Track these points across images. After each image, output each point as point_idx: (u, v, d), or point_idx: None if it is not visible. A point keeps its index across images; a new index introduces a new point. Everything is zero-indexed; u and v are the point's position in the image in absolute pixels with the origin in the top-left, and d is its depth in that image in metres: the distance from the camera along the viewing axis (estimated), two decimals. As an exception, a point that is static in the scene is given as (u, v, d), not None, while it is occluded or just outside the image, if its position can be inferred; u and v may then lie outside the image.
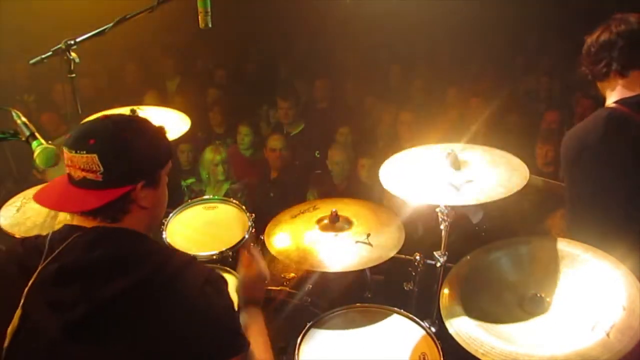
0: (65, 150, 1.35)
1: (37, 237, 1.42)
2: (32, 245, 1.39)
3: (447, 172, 2.09)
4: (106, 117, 1.41)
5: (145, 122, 1.45)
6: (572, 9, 6.12)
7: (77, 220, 1.39)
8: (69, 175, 1.37)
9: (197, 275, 1.35)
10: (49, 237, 1.38)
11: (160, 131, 1.48)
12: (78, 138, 1.34)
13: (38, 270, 1.30)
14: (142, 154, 1.37)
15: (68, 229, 1.38)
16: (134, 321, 1.26)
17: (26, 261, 1.35)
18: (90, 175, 1.32)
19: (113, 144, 1.33)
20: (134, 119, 1.47)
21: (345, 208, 2.44)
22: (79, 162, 1.32)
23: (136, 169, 1.36)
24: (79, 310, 1.25)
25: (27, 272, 1.32)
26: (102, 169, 1.31)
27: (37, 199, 1.42)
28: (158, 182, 1.44)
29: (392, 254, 2.17)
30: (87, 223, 1.37)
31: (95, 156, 1.30)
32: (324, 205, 2.50)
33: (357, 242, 2.22)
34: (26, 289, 1.29)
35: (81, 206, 1.34)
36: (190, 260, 1.41)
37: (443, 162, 2.13)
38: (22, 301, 1.28)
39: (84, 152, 1.31)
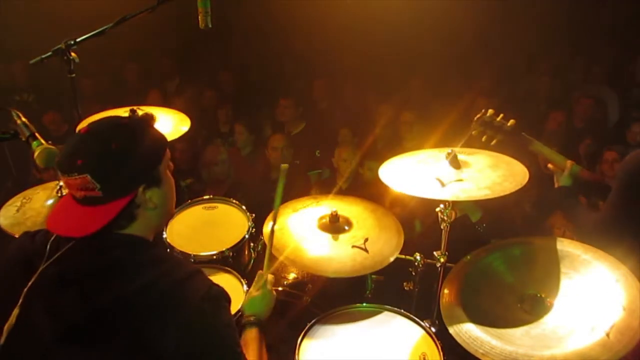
0: (59, 173, 1.32)
1: (47, 232, 1.41)
2: (40, 242, 1.39)
3: (442, 170, 2.08)
4: (87, 130, 1.33)
5: (129, 122, 1.39)
6: (572, 9, 6.12)
7: None
8: (72, 195, 1.34)
9: (197, 290, 1.32)
10: (53, 237, 1.37)
11: (148, 124, 1.41)
12: (65, 161, 1.30)
13: (38, 272, 1.30)
14: (134, 158, 1.32)
15: None
16: (129, 329, 1.24)
17: (32, 258, 1.34)
18: (90, 193, 1.29)
19: (101, 158, 1.28)
20: (115, 123, 1.37)
21: (347, 208, 2.42)
22: (75, 184, 1.29)
23: (133, 175, 1.32)
24: (74, 316, 1.25)
25: (30, 271, 1.32)
26: (98, 185, 1.27)
27: (50, 227, 1.36)
28: (160, 178, 1.39)
29: (388, 262, 2.15)
30: None
31: (87, 176, 1.26)
32: (326, 202, 2.48)
33: (353, 246, 2.19)
34: (25, 289, 1.29)
35: (88, 228, 1.30)
36: (192, 272, 1.37)
37: (443, 161, 2.12)
38: (20, 300, 1.29)
39: (75, 174, 1.27)
